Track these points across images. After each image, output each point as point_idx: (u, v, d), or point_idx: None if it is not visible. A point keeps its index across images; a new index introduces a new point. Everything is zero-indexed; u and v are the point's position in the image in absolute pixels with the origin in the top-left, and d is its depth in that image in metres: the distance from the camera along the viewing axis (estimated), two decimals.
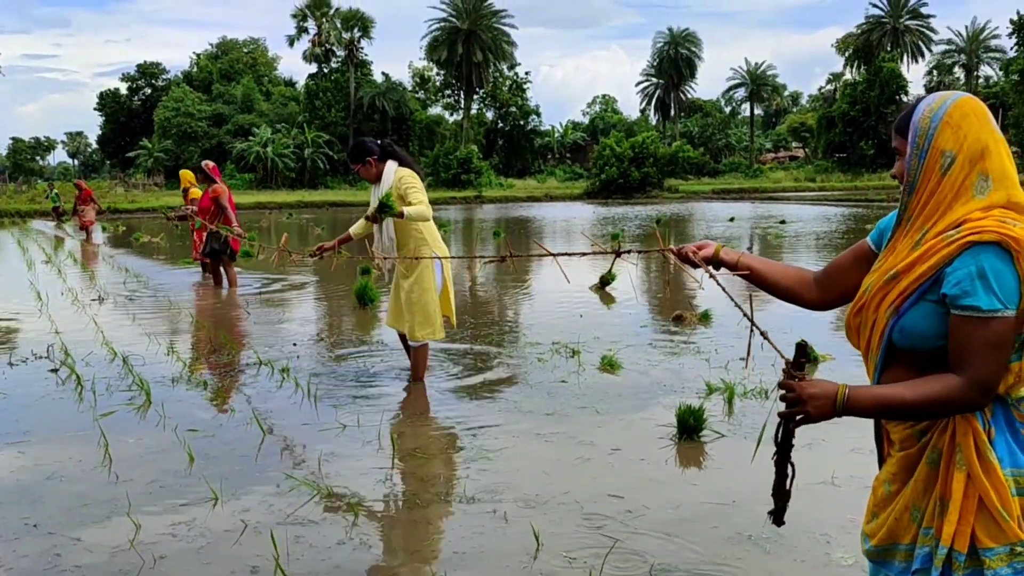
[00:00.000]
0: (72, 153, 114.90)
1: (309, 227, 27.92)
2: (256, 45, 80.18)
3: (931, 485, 1.95)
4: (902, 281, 1.90)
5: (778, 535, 3.50)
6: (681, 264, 2.31)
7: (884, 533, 2.05)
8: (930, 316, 1.86)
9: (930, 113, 1.91)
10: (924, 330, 1.87)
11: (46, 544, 3.55)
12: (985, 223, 1.80)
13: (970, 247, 1.80)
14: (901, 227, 1.98)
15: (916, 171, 1.93)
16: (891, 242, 2.01)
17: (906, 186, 1.96)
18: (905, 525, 2.00)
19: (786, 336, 7.20)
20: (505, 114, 72.09)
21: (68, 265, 15.08)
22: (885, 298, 1.94)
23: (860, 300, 2.03)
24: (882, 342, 1.95)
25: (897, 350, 1.94)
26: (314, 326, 8.98)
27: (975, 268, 1.79)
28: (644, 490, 4.09)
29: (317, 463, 4.44)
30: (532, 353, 7.16)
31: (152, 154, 65.29)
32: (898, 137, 1.99)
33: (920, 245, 1.90)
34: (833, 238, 19.98)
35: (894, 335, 1.92)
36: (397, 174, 5.90)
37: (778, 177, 64.16)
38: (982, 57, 73.16)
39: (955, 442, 1.89)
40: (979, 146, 1.86)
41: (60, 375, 6.53)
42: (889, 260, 1.98)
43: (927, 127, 1.91)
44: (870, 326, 1.99)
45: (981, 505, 1.87)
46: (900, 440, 2.04)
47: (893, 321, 1.92)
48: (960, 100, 1.90)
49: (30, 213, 35.76)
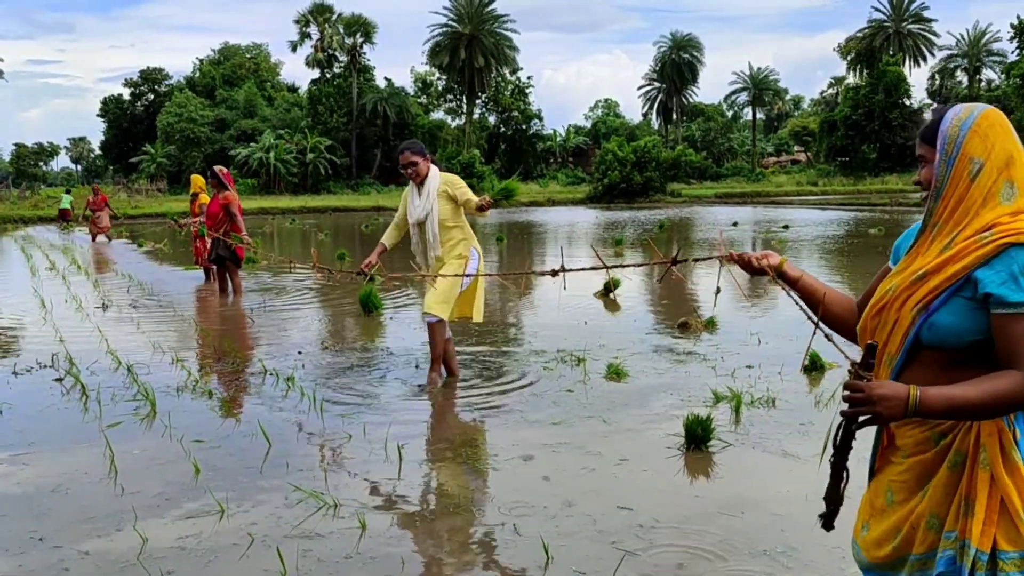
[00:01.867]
0: (75, 159, 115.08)
1: (312, 233, 27.90)
2: (259, 50, 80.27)
3: (952, 490, 1.95)
4: (931, 280, 1.95)
5: (792, 548, 3.49)
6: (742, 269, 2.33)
7: (899, 543, 2.04)
8: (962, 312, 1.91)
9: (959, 122, 1.98)
10: (956, 326, 1.91)
11: (52, 558, 3.53)
12: (1018, 225, 1.88)
13: (1007, 248, 1.87)
14: (926, 232, 2.03)
15: (944, 177, 1.99)
16: (915, 247, 2.06)
17: (933, 192, 2.02)
18: (921, 535, 1.99)
19: (792, 344, 7.17)
20: (507, 119, 72.10)
21: (72, 272, 15.07)
22: (911, 297, 1.98)
23: (881, 301, 2.06)
24: (905, 341, 1.98)
25: (921, 350, 1.97)
26: (319, 334, 8.96)
27: (1017, 267, 1.86)
28: (653, 501, 4.07)
29: (324, 474, 4.42)
30: (537, 362, 7.13)
31: (155, 159, 65.33)
32: (924, 145, 2.05)
33: (951, 247, 1.95)
34: (836, 242, 19.95)
35: (923, 332, 1.95)
36: (443, 176, 6.31)
37: (780, 181, 64.06)
38: (984, 61, 73.12)
39: (980, 442, 1.91)
40: (1005, 155, 1.94)
41: (65, 384, 6.51)
42: (916, 262, 2.01)
43: (956, 135, 1.97)
44: (891, 326, 2.02)
45: (1003, 507, 1.89)
46: (914, 444, 2.03)
47: (922, 319, 1.95)
48: (987, 111, 1.98)
49: (33, 219, 35.78)
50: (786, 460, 4.59)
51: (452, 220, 6.24)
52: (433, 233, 6.21)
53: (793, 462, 4.55)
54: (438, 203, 6.19)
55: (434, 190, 6.21)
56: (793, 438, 4.93)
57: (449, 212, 6.22)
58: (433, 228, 6.21)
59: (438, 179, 6.27)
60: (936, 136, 2.01)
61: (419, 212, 6.23)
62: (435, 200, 6.19)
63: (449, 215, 6.22)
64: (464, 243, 6.27)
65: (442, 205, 6.19)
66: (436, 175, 6.30)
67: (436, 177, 6.28)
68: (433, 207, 6.18)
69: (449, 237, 6.24)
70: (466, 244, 6.28)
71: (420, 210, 6.23)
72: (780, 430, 5.09)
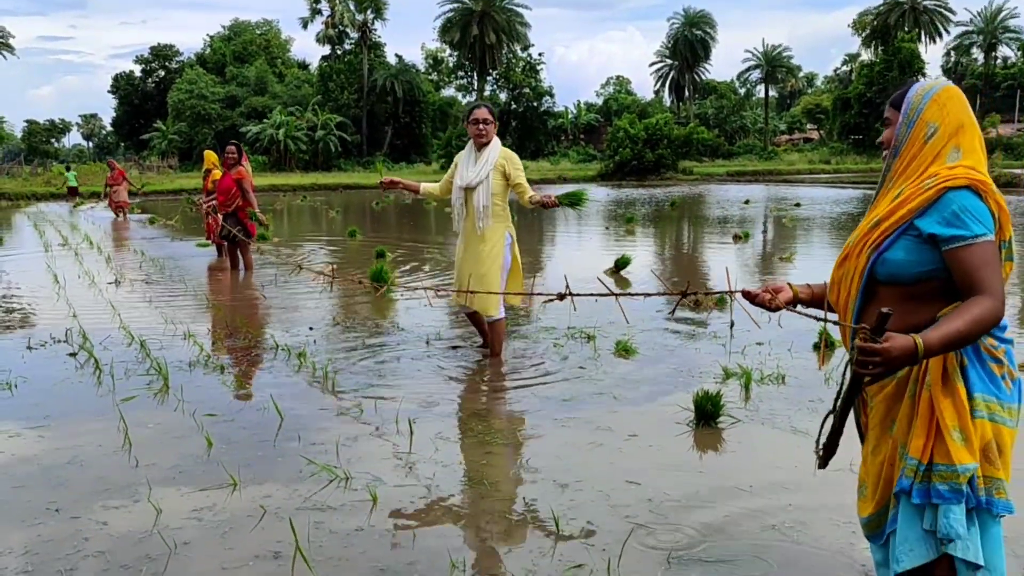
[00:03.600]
0: (87, 136, 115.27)
1: (324, 210, 27.94)
2: (269, 27, 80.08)
3: (911, 417, 2.22)
4: (883, 224, 2.24)
5: (800, 523, 3.51)
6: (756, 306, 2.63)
7: (883, 487, 2.30)
8: (910, 248, 2.19)
9: (923, 92, 2.29)
10: (904, 258, 2.20)
11: (71, 529, 3.58)
12: (956, 171, 2.18)
13: (946, 192, 2.16)
14: (884, 186, 2.36)
15: (903, 137, 2.29)
16: (875, 200, 2.37)
17: (892, 150, 2.32)
18: (896, 470, 2.25)
19: (803, 321, 7.16)
20: (518, 96, 71.75)
21: (84, 248, 15.15)
22: (868, 243, 2.28)
23: (844, 252, 2.38)
24: (861, 281, 2.28)
25: (877, 287, 2.27)
26: (330, 310, 9.00)
27: (956, 207, 2.14)
28: (662, 476, 4.09)
29: (335, 448, 4.46)
30: (547, 339, 7.16)
31: (166, 136, 65.45)
32: (891, 109, 2.36)
33: (901, 195, 2.24)
34: (848, 221, 19.85)
35: (877, 268, 2.24)
36: (504, 150, 6.18)
37: (792, 159, 63.70)
38: (1000, 38, 72.22)
39: (926, 367, 2.18)
40: (957, 123, 2.25)
41: (79, 359, 6.57)
42: (873, 212, 2.33)
43: (918, 103, 2.28)
44: (851, 273, 2.32)
45: (938, 424, 2.15)
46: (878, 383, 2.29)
47: (875, 257, 2.25)
48: (948, 86, 2.31)
49: (45, 196, 35.92)
50: (795, 436, 4.60)
51: (500, 196, 6.13)
52: (483, 204, 6.08)
53: (802, 438, 4.56)
54: (493, 174, 6.08)
55: (493, 159, 6.08)
56: (802, 414, 4.94)
57: (500, 187, 6.11)
58: (484, 198, 6.08)
59: (499, 151, 6.16)
60: (902, 102, 2.32)
61: (472, 177, 6.09)
62: (492, 170, 6.07)
63: (499, 190, 6.12)
64: (503, 227, 6.19)
65: (496, 178, 6.08)
66: (498, 146, 6.18)
67: (497, 148, 6.17)
68: (489, 176, 6.06)
69: (493, 213, 6.12)
70: (505, 228, 6.20)
71: (474, 176, 6.08)
72: (790, 406, 5.10)
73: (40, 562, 3.29)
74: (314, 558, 3.26)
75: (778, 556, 3.25)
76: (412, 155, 65.13)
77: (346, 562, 3.27)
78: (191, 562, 3.28)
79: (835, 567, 3.17)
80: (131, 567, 3.23)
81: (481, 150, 6.14)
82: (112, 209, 23.16)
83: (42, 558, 3.32)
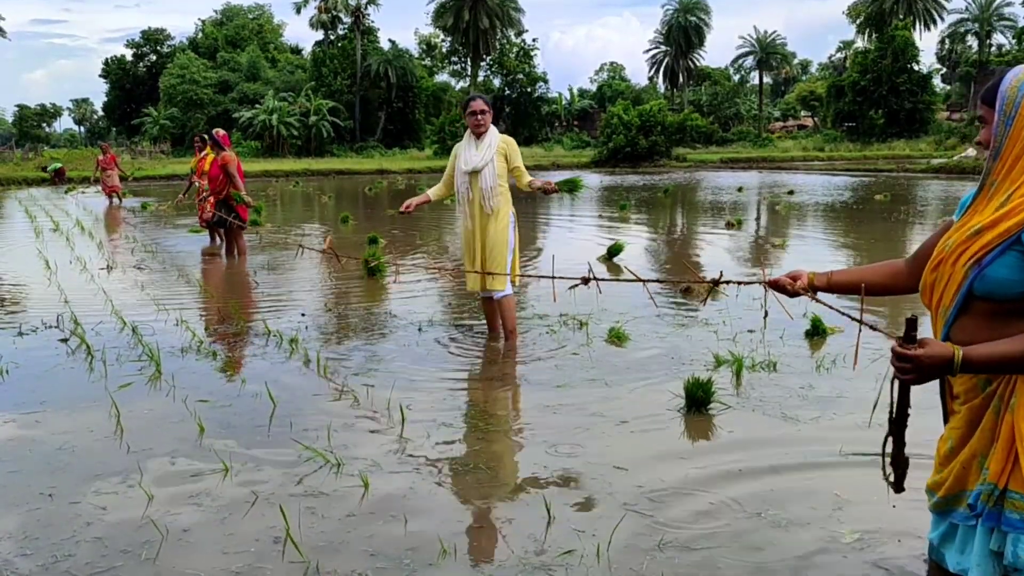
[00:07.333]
0: (78, 120, 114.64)
1: (316, 196, 27.86)
2: (261, 11, 79.62)
3: (994, 433, 2.11)
4: (985, 236, 2.02)
5: (785, 509, 3.53)
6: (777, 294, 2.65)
7: (952, 482, 2.21)
8: (1014, 265, 1.98)
9: (1018, 83, 2.02)
10: (1007, 278, 1.99)
11: (68, 514, 3.59)
12: None
13: None
14: (984, 190, 2.10)
15: (1003, 137, 2.04)
16: (972, 205, 2.13)
17: (992, 151, 2.06)
18: (974, 474, 2.16)
19: (794, 308, 7.17)
20: (512, 81, 71.56)
21: (76, 233, 15.10)
22: (966, 252, 2.06)
23: (938, 256, 2.16)
24: (959, 293, 2.08)
25: (972, 301, 2.06)
26: (322, 296, 9.00)
27: None
28: (653, 462, 4.11)
29: (328, 434, 4.47)
30: (540, 325, 7.17)
31: (158, 122, 65.10)
32: (984, 106, 2.11)
33: (1007, 204, 2.01)
34: (841, 208, 19.89)
35: (976, 283, 2.03)
36: (502, 136, 6.47)
37: (786, 146, 63.66)
38: (995, 25, 72.19)
39: (1015, 388, 2.04)
40: None
41: (70, 345, 6.57)
42: (973, 220, 2.09)
43: (1015, 96, 2.01)
44: (946, 280, 2.12)
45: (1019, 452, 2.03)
46: (964, 392, 2.17)
47: (975, 272, 2.03)
48: None
49: (36, 181, 35.73)
50: (785, 423, 4.63)
51: (503, 178, 6.41)
52: (490, 185, 6.34)
53: (792, 425, 4.59)
54: (496, 157, 6.35)
55: (494, 144, 6.37)
56: (793, 401, 4.97)
57: (503, 170, 6.40)
58: (490, 179, 6.34)
59: (498, 136, 6.44)
60: (996, 98, 2.05)
61: (477, 161, 6.35)
62: (495, 153, 6.35)
63: (502, 172, 6.40)
64: (507, 207, 6.44)
65: (499, 161, 6.36)
66: (496, 131, 6.49)
67: (496, 133, 6.47)
68: (493, 159, 6.33)
69: (498, 193, 6.39)
70: (509, 208, 6.46)
71: (479, 159, 6.35)
72: (780, 393, 5.13)
73: (38, 547, 3.30)
74: (306, 544, 3.27)
75: (767, 540, 3.28)
76: (405, 140, 64.94)
77: (338, 547, 3.29)
78: (187, 548, 3.29)
79: (823, 550, 3.20)
80: (130, 552, 3.25)
81: (480, 138, 6.41)
82: (105, 193, 23.11)
83: (39, 544, 3.33)
